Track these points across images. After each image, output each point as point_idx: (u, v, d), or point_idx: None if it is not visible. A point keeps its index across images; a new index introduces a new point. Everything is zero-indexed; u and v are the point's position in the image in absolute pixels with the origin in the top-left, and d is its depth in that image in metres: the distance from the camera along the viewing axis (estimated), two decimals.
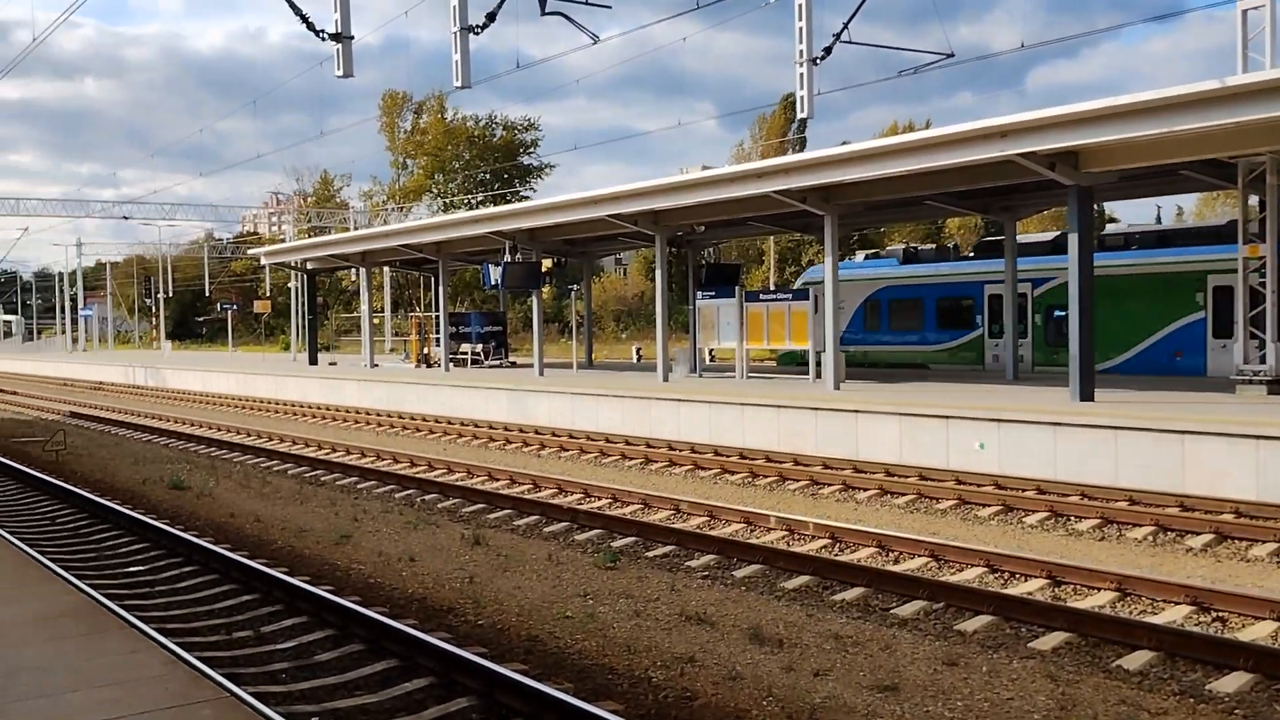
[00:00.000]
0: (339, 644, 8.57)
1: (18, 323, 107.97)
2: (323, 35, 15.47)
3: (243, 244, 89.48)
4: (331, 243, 39.33)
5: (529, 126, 74.73)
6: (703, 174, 23.34)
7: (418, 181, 74.93)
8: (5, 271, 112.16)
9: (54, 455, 20.95)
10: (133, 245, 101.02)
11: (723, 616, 9.19)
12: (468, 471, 17.81)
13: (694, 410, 20.59)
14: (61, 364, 58.70)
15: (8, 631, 6.33)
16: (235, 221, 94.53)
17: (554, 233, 29.17)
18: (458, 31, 15.65)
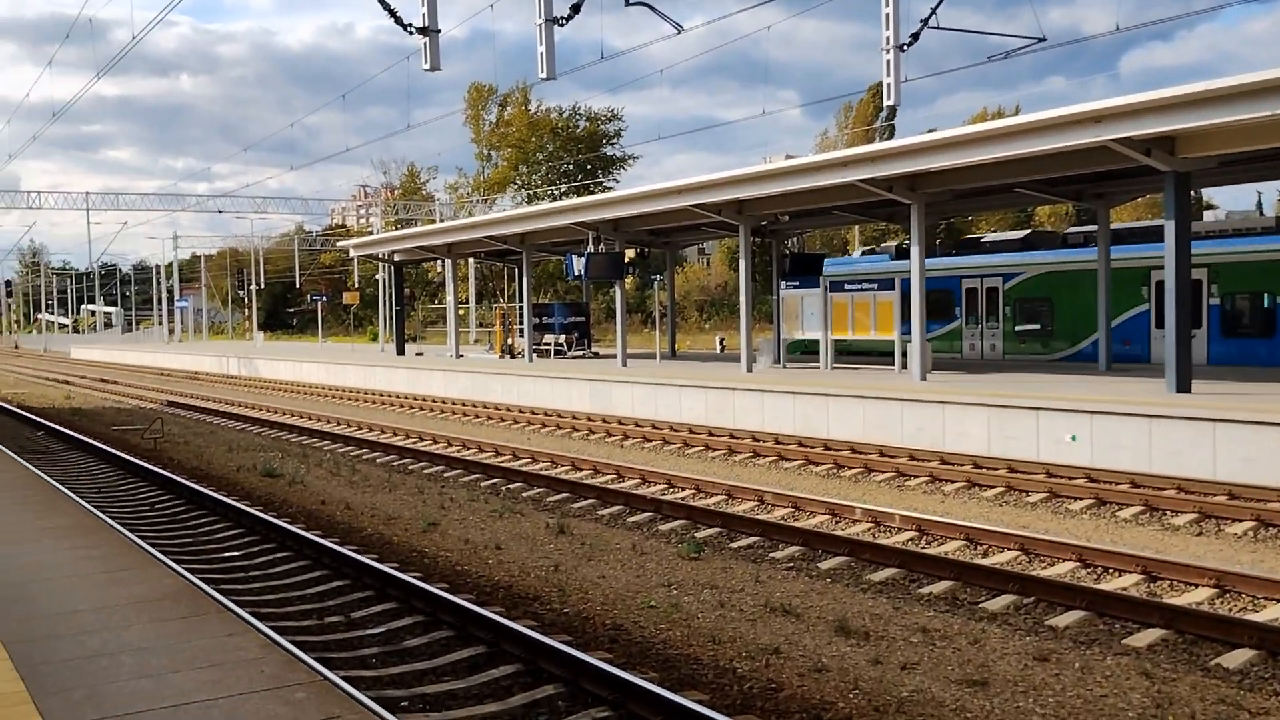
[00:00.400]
0: (427, 630, 8.69)
1: (117, 314, 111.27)
2: (410, 29, 15.66)
3: (332, 236, 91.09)
4: (418, 235, 39.85)
5: (612, 117, 74.90)
6: (787, 163, 23.17)
7: (502, 173, 75.54)
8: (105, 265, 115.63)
9: (153, 443, 21.56)
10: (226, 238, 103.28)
11: (808, 608, 9.14)
12: (551, 461, 17.94)
13: (778, 401, 20.48)
14: (159, 354, 60.34)
15: (112, 613, 6.53)
16: (324, 214, 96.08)
17: (637, 223, 29.21)
18: (543, 23, 15.74)
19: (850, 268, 32.12)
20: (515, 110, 75.37)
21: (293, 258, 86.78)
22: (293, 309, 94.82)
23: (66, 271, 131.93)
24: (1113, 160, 17.42)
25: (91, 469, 18.14)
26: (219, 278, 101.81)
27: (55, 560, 8.03)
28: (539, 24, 15.84)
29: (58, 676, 5.37)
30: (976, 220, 58.33)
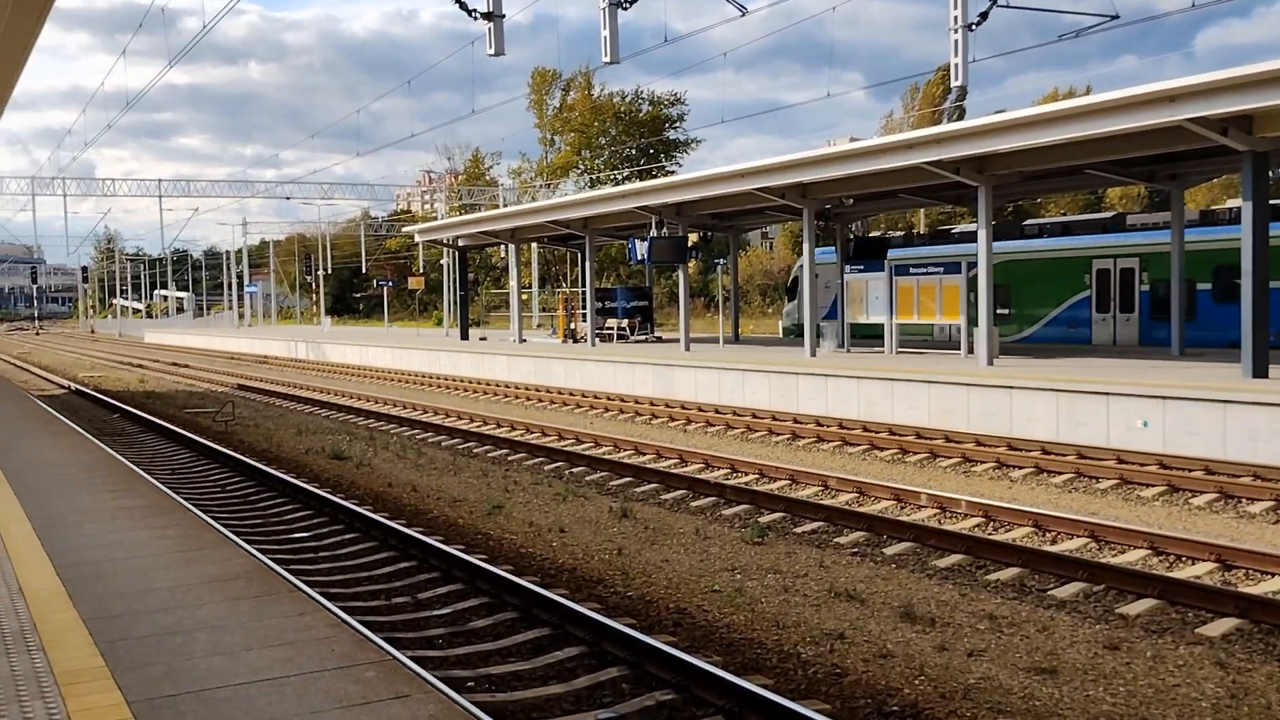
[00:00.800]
0: (492, 612, 8.78)
1: (189, 299, 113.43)
2: (475, 15, 15.74)
3: (397, 222, 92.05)
4: (482, 220, 40.09)
5: (675, 101, 74.63)
6: (851, 145, 22.95)
7: (565, 158, 75.68)
8: (177, 251, 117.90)
9: (223, 426, 21.98)
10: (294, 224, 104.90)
11: (873, 594, 9.09)
12: (615, 445, 17.99)
13: (842, 385, 20.34)
14: (229, 339, 61.44)
15: (187, 592, 6.68)
16: (390, 200, 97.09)
17: (700, 207, 29.12)
18: (607, 7, 15.72)
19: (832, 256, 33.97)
20: (578, 95, 75.41)
21: (359, 243, 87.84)
22: (359, 294, 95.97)
23: (140, 257, 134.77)
24: (1187, 140, 17.03)
25: (165, 451, 18.54)
26: (287, 263, 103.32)
27: (132, 539, 8.22)
28: (603, 8, 15.83)
29: (135, 653, 5.50)
30: (1045, 202, 57.39)
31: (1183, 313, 22.82)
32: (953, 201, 27.38)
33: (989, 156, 19.95)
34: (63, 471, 11.80)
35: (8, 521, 8.94)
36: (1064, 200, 57.00)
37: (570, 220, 33.53)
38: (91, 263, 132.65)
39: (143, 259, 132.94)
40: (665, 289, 61.42)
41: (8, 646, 5.64)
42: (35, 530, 8.58)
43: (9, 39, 12.06)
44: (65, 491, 10.46)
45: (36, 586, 6.85)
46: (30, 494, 10.28)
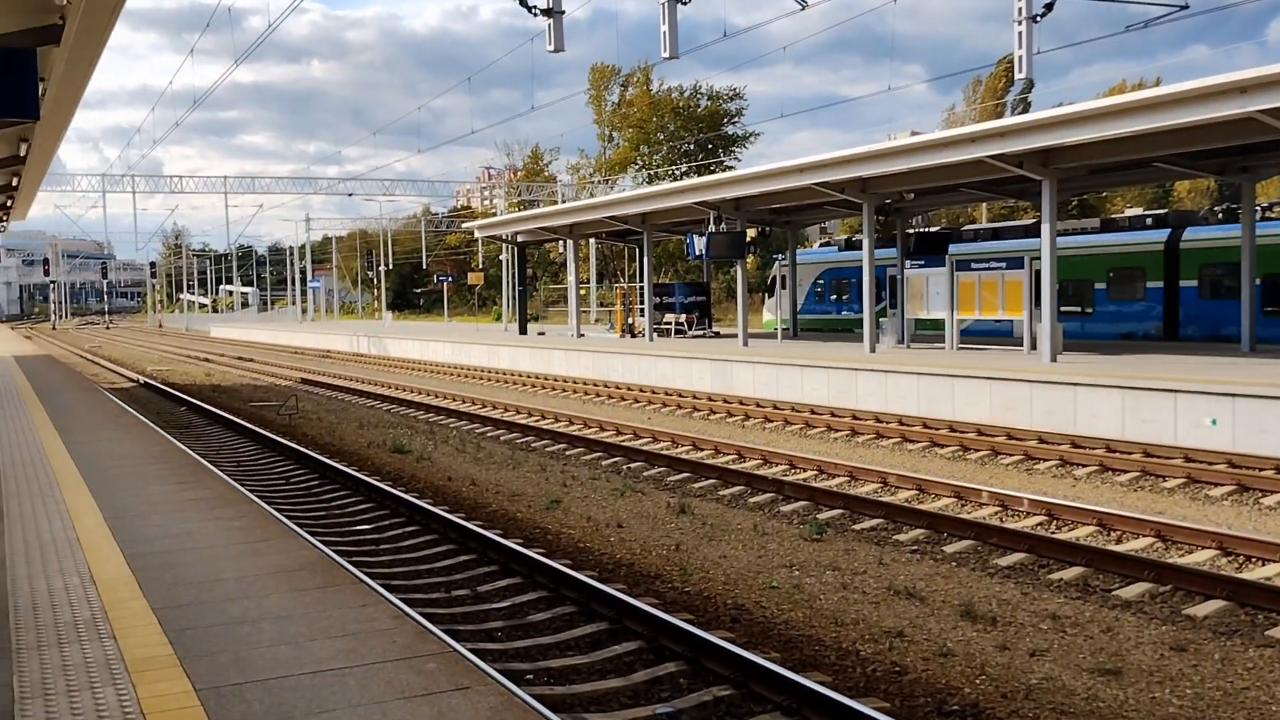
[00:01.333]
0: (551, 605, 8.83)
1: (253, 294, 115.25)
2: (535, 11, 15.80)
3: (457, 218, 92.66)
4: (540, 216, 40.28)
5: (734, 96, 74.39)
6: (912, 139, 22.74)
7: (623, 154, 75.74)
8: (242, 246, 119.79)
9: (287, 419, 22.30)
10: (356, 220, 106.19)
11: (933, 592, 9.01)
12: (672, 440, 17.99)
13: (902, 381, 20.17)
14: (292, 333, 62.31)
15: (253, 582, 6.79)
16: (449, 196, 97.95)
17: (759, 202, 29.01)
18: (666, 3, 15.71)
19: (804, 256, 38.59)
20: (637, 90, 75.43)
21: (419, 239, 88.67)
22: (419, 289, 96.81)
23: (206, 253, 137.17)
24: (1259, 132, 16.65)
25: (231, 443, 18.86)
26: (349, 259, 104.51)
27: (200, 530, 8.38)
28: (663, 3, 15.82)
29: (203, 641, 5.61)
30: (1112, 197, 56.41)
31: (1254, 307, 22.34)
32: (1016, 196, 27.04)
33: (1054, 150, 19.65)
34: (132, 463, 12.05)
35: (80, 512, 9.16)
36: (1130, 194, 55.95)
37: (628, 216, 33.56)
38: (160, 258, 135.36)
39: (209, 254, 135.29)
40: (723, 284, 61.26)
41: (80, 634, 5.78)
42: (106, 520, 8.78)
43: (82, 39, 12.31)
44: (135, 483, 10.68)
45: (107, 575, 7.00)
46: (101, 485, 10.52)
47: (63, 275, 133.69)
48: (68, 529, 8.46)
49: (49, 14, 11.68)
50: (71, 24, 11.77)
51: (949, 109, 76.08)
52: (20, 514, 9.13)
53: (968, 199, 32.99)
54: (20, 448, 13.44)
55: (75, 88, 15.78)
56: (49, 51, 12.50)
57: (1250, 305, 22.23)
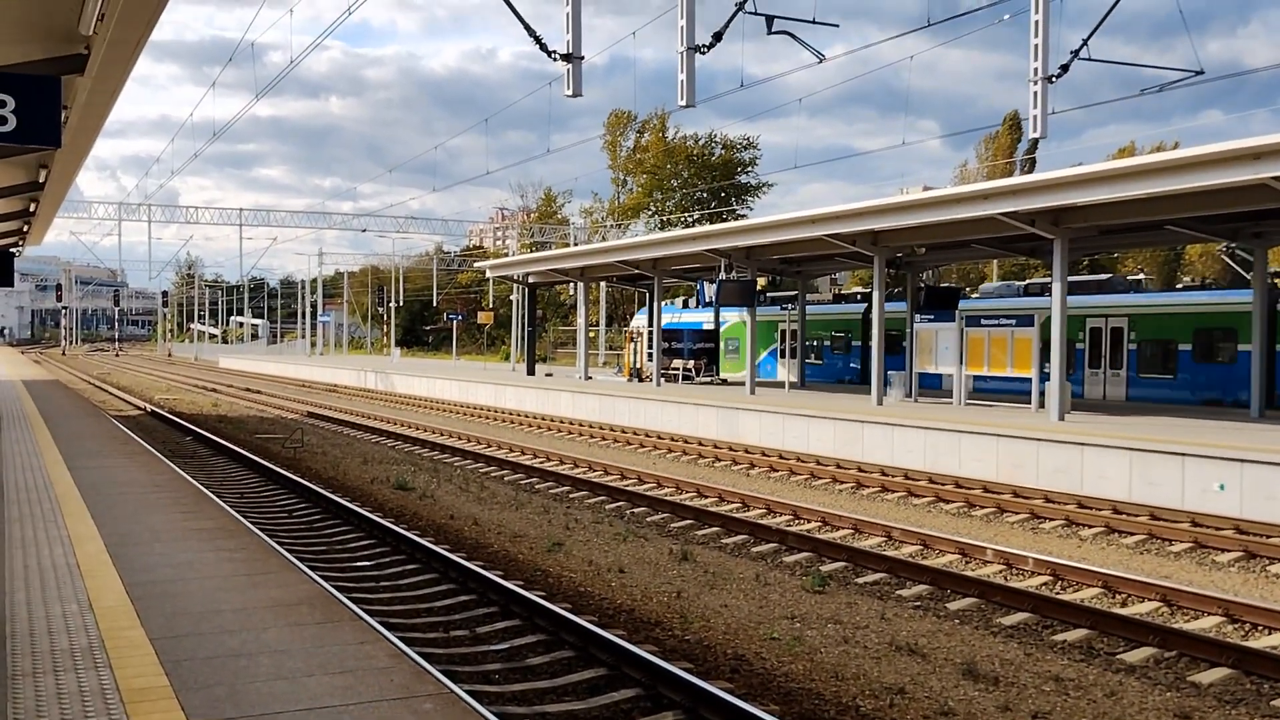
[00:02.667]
0: (550, 649, 8.77)
1: (263, 326, 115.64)
2: (554, 56, 15.95)
3: (469, 257, 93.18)
4: (552, 258, 40.44)
5: (748, 145, 74.97)
6: (925, 194, 22.85)
7: (637, 199, 76.23)
8: (254, 278, 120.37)
9: (293, 452, 22.30)
10: (368, 256, 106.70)
11: (935, 649, 8.93)
12: (676, 487, 17.94)
13: (908, 435, 20.13)
14: (301, 366, 62.41)
15: (251, 615, 6.76)
16: (462, 235, 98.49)
17: (770, 251, 29.12)
18: (684, 51, 15.85)
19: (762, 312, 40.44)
20: (652, 137, 76.04)
21: (431, 277, 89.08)
22: (429, 326, 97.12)
23: (218, 284, 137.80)
24: (1273, 199, 16.71)
25: (235, 474, 18.84)
26: (360, 294, 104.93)
27: (200, 560, 8.35)
28: (680, 51, 15.95)
29: (200, 673, 5.58)
30: (1123, 258, 56.53)
31: (1263, 374, 22.30)
32: (1027, 254, 27.11)
33: (1066, 209, 19.73)
34: (136, 491, 12.04)
35: (81, 538, 9.14)
36: (1142, 256, 56.10)
37: (640, 260, 33.70)
38: (172, 287, 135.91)
39: (221, 285, 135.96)
40: None
41: (77, 663, 5.75)
42: (107, 547, 8.76)
43: (106, 69, 12.45)
44: (137, 510, 10.67)
45: (106, 603, 6.98)
46: (103, 512, 10.50)
47: (75, 301, 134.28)
48: (68, 555, 8.44)
49: (75, 43, 11.83)
50: (96, 54, 11.91)
51: (961, 165, 76.39)
52: (22, 539, 9.12)
53: (979, 255, 33.10)
54: (25, 471, 13.44)
55: (97, 117, 15.93)
56: (73, 80, 12.65)
57: (1261, 372, 22.18)
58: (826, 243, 25.23)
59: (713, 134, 74.84)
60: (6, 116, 7.36)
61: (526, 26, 16.27)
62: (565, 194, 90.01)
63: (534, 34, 16.23)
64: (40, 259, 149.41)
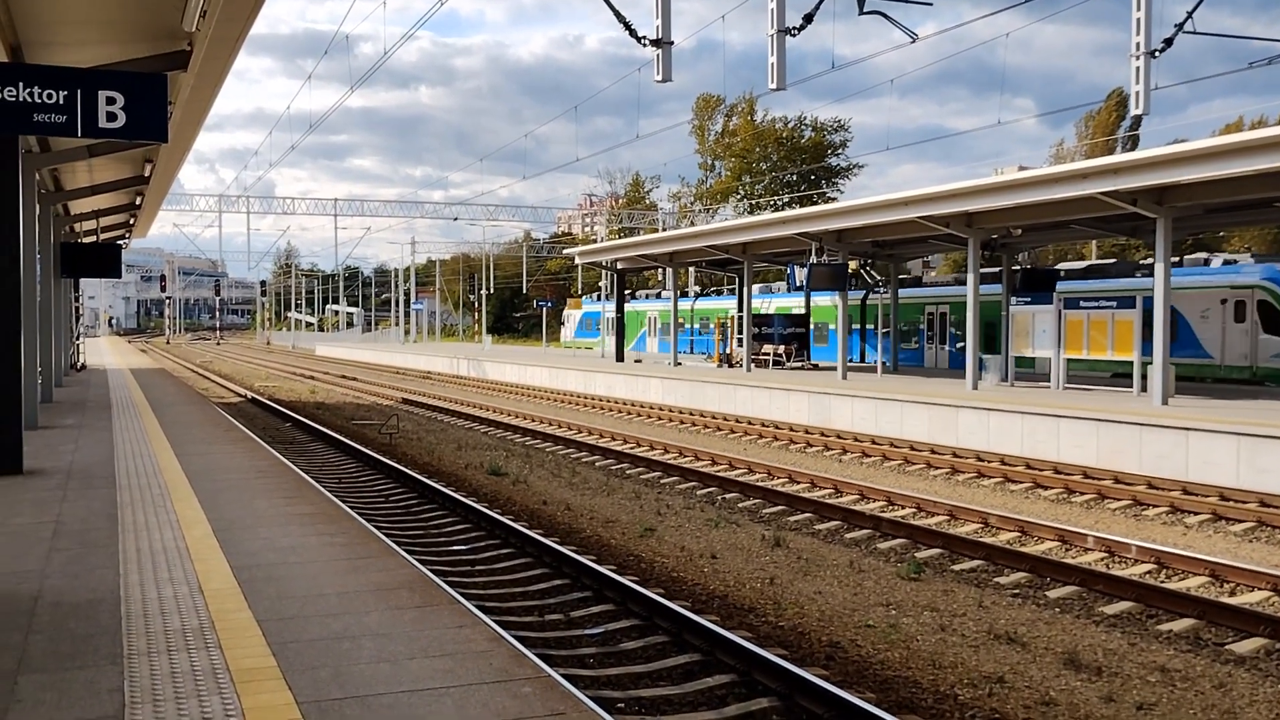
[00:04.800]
0: (643, 634, 8.81)
1: (358, 315, 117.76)
2: (644, 41, 15.93)
3: (557, 244, 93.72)
4: (641, 243, 40.48)
5: (838, 127, 74.17)
6: (1021, 174, 22.36)
7: (725, 183, 75.93)
8: (349, 267, 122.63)
9: (388, 438, 22.69)
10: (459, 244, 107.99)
11: (1034, 638, 8.78)
12: (768, 473, 17.87)
13: (1005, 420, 19.77)
14: (395, 354, 63.45)
15: (354, 598, 6.90)
16: (551, 222, 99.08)
17: (861, 234, 28.80)
18: (774, 34, 15.70)
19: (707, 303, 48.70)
20: (741, 120, 75.64)
21: (520, 264, 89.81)
22: (519, 313, 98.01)
23: (314, 273, 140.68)
24: None
25: (333, 460, 19.25)
26: (451, 282, 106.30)
27: (303, 544, 8.55)
28: (770, 34, 15.80)
29: (305, 655, 5.71)
30: (1229, 236, 54.74)
31: None
32: (1128, 234, 26.38)
33: (1169, 187, 19.16)
34: (240, 476, 12.37)
35: (189, 523, 9.42)
36: (1249, 234, 54.20)
37: (729, 245, 33.58)
38: (270, 277, 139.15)
39: (317, 275, 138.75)
40: None
41: (188, 643, 5.93)
42: (214, 531, 9.01)
43: (208, 65, 12.79)
44: (242, 496, 10.95)
45: (215, 586, 7.18)
46: (209, 496, 10.81)
47: (178, 291, 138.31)
48: (178, 539, 8.71)
49: (178, 40, 12.16)
50: (199, 50, 12.23)
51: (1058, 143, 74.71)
52: (134, 523, 9.43)
53: (1077, 236, 32.35)
54: (135, 458, 13.90)
55: (199, 111, 16.37)
56: (176, 76, 13.01)
57: None
58: (920, 225, 24.86)
59: (802, 116, 74.23)
60: (117, 113, 7.59)
61: (616, 13, 16.28)
62: (653, 179, 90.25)
63: (624, 20, 16.23)
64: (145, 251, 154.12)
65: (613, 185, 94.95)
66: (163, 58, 12.45)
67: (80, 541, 8.66)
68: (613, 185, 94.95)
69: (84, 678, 5.36)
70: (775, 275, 49.53)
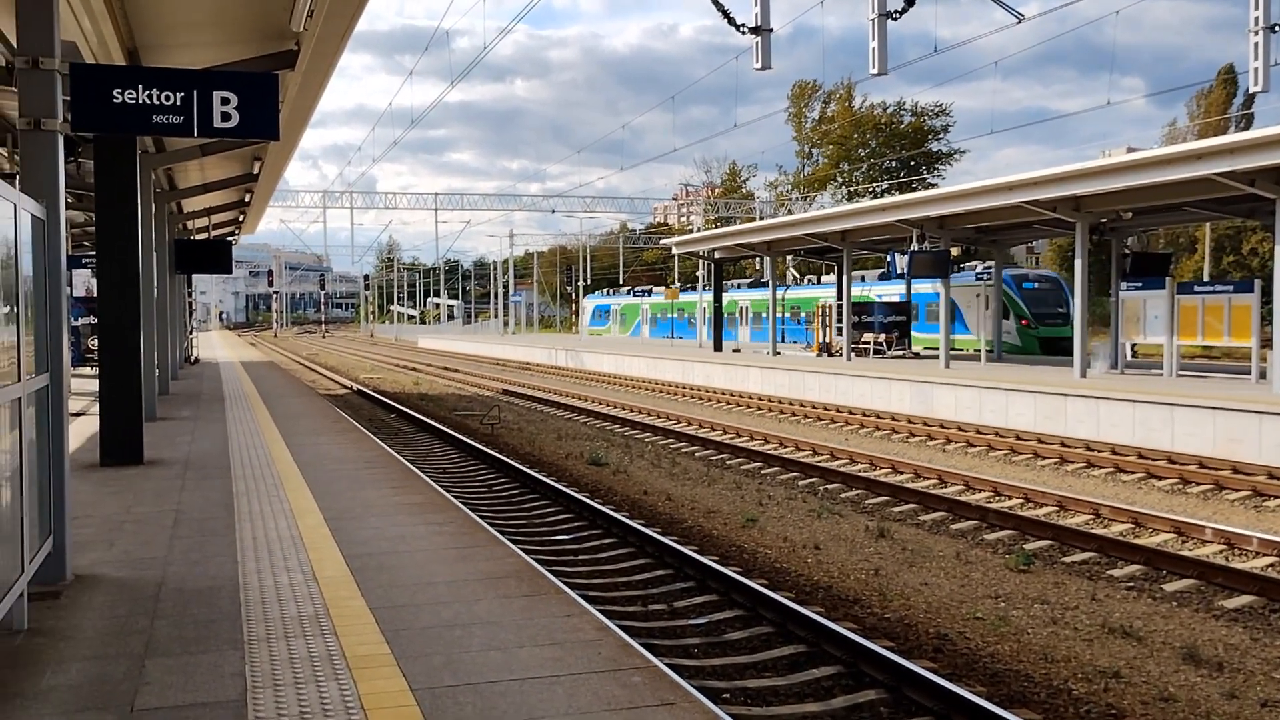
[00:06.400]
0: (747, 625, 8.78)
1: (458, 307, 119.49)
2: (743, 29, 15.84)
3: (653, 234, 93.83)
4: (738, 233, 40.31)
5: (939, 112, 72.91)
6: (1132, 156, 21.72)
7: (823, 171, 75.20)
8: (449, 260, 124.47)
9: (489, 428, 22.98)
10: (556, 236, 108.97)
11: (1151, 632, 8.54)
12: (870, 463, 17.68)
13: (1115, 409, 19.25)
14: (494, 345, 64.22)
15: (463, 587, 7.01)
16: (647, 213, 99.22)
17: (963, 220, 28.27)
18: (875, 18, 15.48)
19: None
20: (839, 107, 74.81)
21: (617, 254, 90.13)
22: None
23: (415, 266, 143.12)
24: None
25: (437, 450, 19.56)
26: (549, 273, 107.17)
27: (412, 534, 8.71)
28: (871, 19, 15.58)
29: (417, 643, 5.82)
30: None
31: None
32: (1244, 215, 25.45)
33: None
34: (348, 466, 12.64)
35: (302, 512, 9.66)
36: None
37: (828, 233, 33.25)
38: (373, 271, 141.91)
39: (418, 268, 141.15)
40: None
41: (305, 630, 6.08)
42: (326, 520, 9.23)
43: (314, 63, 13.08)
44: (351, 485, 11.20)
45: (328, 574, 7.35)
46: (320, 486, 11.07)
47: (284, 286, 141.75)
48: (291, 528, 8.94)
49: (286, 40, 12.45)
50: (306, 49, 12.51)
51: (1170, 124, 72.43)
52: (249, 512, 9.70)
53: (1191, 218, 31.37)
54: (249, 449, 14.30)
55: (305, 109, 16.74)
56: (284, 75, 13.31)
57: None
58: (1024, 210, 24.31)
59: (901, 101, 73.13)
60: (230, 113, 7.80)
61: (715, 2, 16.19)
62: (750, 168, 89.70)
63: (722, 8, 16.15)
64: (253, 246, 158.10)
65: (709, 175, 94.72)
66: (271, 57, 12.77)
67: (199, 530, 8.94)
68: (709, 175, 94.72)
69: (207, 662, 5.54)
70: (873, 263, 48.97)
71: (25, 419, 6.24)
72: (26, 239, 6.43)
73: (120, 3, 11.29)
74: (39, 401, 6.75)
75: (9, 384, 5.87)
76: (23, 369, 6.14)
